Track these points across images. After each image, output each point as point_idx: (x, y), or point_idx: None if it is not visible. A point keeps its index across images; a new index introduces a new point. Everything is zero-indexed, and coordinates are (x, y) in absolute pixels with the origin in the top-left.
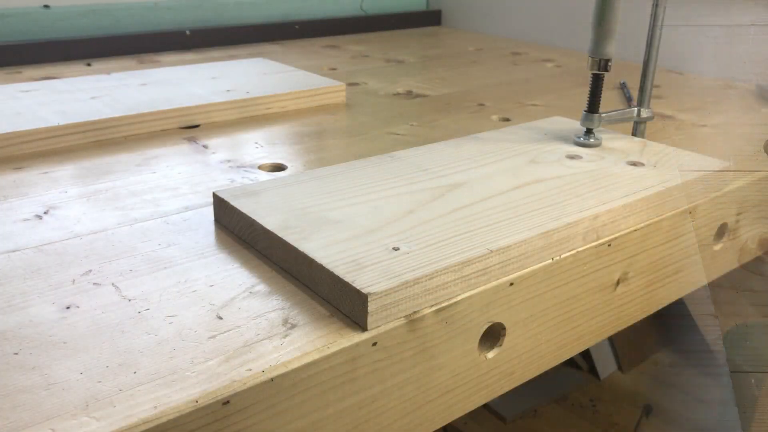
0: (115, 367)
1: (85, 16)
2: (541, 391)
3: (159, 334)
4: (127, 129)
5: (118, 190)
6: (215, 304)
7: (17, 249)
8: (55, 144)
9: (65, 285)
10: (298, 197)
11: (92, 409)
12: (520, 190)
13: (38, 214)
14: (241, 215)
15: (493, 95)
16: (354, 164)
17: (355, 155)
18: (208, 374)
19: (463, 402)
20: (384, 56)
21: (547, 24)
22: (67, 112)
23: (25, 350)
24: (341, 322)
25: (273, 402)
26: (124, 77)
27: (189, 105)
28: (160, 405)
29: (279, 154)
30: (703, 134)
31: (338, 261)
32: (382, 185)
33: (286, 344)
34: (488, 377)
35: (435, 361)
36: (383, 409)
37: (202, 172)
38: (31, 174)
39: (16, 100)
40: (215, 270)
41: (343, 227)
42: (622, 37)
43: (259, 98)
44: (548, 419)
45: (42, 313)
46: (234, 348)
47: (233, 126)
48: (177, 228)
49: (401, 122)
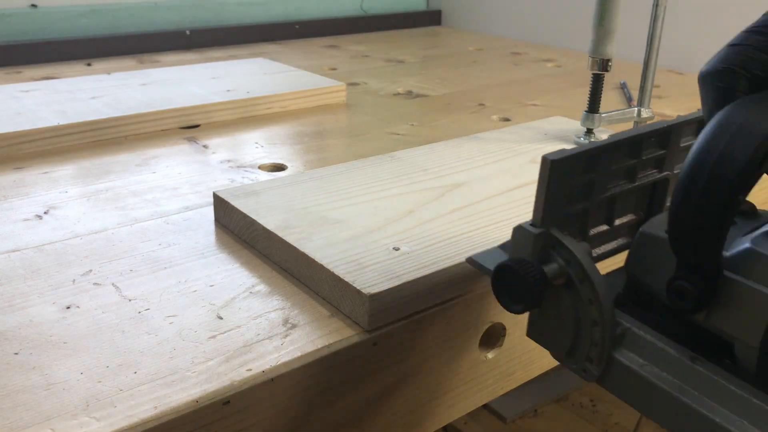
0: (116, 367)
1: (85, 16)
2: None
3: (159, 334)
4: (127, 129)
5: (118, 190)
6: (215, 304)
7: (17, 249)
8: (55, 144)
9: (65, 285)
10: (298, 197)
11: (92, 409)
12: (520, 190)
13: (38, 214)
14: (241, 215)
15: (493, 95)
16: (354, 164)
17: (355, 155)
18: (208, 374)
19: (463, 402)
20: (384, 56)
21: (547, 24)
22: (67, 112)
23: (26, 350)
24: (341, 322)
25: (273, 402)
26: (124, 77)
27: (189, 105)
28: (161, 405)
29: (279, 154)
30: None
31: (339, 261)
32: (382, 185)
33: (287, 344)
34: (488, 377)
35: (435, 361)
36: (383, 409)
37: (202, 172)
38: (31, 174)
39: (16, 100)
40: (215, 270)
41: (344, 227)
42: (622, 37)
43: (259, 98)
44: (548, 419)
45: (42, 313)
46: (234, 348)
47: (233, 126)
48: (177, 228)
49: (401, 122)
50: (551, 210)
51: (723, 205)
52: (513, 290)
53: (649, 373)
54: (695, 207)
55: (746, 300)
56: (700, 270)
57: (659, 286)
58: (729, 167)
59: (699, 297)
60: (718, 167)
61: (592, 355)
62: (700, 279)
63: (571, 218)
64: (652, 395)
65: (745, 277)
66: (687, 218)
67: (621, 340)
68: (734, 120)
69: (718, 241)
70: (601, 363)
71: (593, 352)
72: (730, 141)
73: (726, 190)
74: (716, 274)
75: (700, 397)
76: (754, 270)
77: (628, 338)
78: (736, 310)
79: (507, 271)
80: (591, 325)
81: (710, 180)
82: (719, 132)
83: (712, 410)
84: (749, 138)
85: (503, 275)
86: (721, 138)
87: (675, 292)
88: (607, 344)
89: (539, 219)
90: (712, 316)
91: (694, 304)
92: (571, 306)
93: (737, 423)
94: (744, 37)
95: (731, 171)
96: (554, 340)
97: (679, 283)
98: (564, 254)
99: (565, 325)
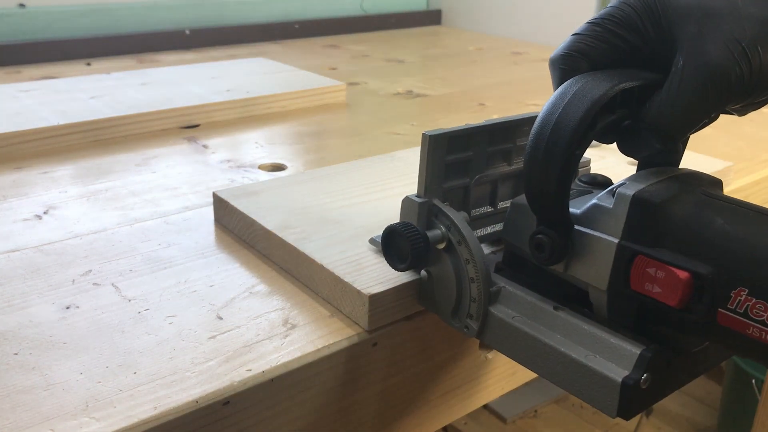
0: (115, 367)
1: (85, 16)
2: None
3: (159, 335)
4: (127, 129)
5: (118, 190)
6: (215, 304)
7: (17, 249)
8: (55, 144)
9: (65, 285)
10: (298, 197)
11: (92, 409)
12: None
13: (38, 214)
14: (241, 215)
15: (494, 95)
16: (354, 164)
17: (355, 155)
18: (208, 375)
19: (463, 402)
20: (384, 56)
21: (547, 24)
22: (67, 111)
23: (25, 350)
24: (341, 323)
25: (273, 403)
26: (124, 77)
27: (189, 105)
28: (160, 405)
29: (279, 154)
30: (703, 134)
31: (338, 261)
32: (382, 185)
33: (287, 344)
34: (488, 377)
35: (435, 361)
36: (383, 409)
37: (202, 172)
38: (31, 174)
39: (16, 100)
40: (215, 270)
41: (344, 227)
42: None
43: (259, 98)
44: (548, 419)
45: (42, 313)
46: (234, 348)
47: (233, 126)
48: (177, 228)
49: (401, 122)
50: (432, 182)
51: (562, 161)
52: (399, 251)
53: (520, 322)
54: (540, 165)
55: (594, 248)
56: (554, 225)
57: (527, 247)
58: (564, 127)
59: (553, 248)
60: (556, 128)
61: (472, 312)
62: (554, 233)
63: (453, 192)
64: (523, 342)
65: (592, 228)
66: (534, 176)
67: (497, 297)
68: (569, 90)
69: (563, 194)
70: (479, 318)
71: (473, 308)
72: (566, 106)
73: (563, 147)
74: (567, 227)
75: (563, 339)
76: (599, 221)
77: (502, 295)
78: (587, 258)
79: (393, 233)
80: (469, 282)
81: (550, 140)
82: (558, 100)
83: (572, 349)
84: (581, 102)
85: (391, 237)
86: (559, 105)
87: (534, 246)
88: (484, 300)
89: (423, 190)
90: (569, 267)
91: (550, 255)
92: (452, 266)
93: (592, 358)
94: (585, 28)
95: (566, 130)
96: (440, 301)
97: (537, 238)
98: (445, 221)
99: (448, 285)
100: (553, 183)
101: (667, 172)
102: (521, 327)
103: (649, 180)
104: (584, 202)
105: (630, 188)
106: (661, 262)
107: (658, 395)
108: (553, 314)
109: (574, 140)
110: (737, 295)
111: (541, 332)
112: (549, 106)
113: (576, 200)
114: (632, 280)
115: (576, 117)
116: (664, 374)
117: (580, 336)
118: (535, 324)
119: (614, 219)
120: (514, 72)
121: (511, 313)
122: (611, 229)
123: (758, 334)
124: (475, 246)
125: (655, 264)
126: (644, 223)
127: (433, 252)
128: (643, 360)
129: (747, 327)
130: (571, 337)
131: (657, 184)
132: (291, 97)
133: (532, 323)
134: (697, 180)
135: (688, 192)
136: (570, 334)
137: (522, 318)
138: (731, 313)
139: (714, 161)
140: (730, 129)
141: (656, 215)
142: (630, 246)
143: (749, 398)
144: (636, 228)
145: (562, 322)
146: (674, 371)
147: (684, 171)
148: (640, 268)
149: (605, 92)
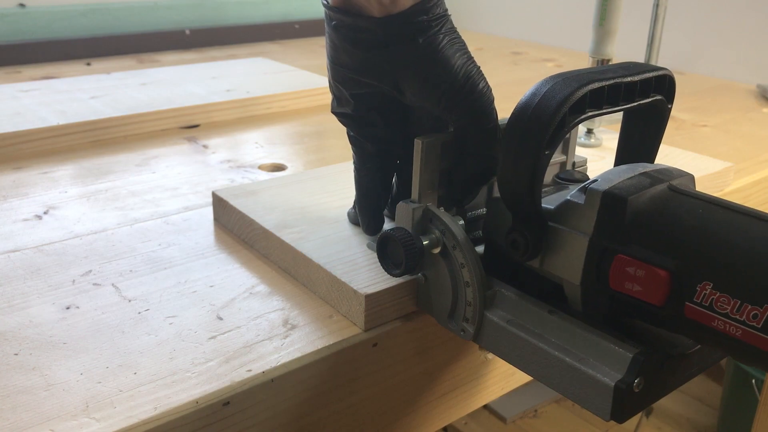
0: (115, 367)
1: (85, 16)
2: (541, 391)
3: (159, 335)
4: (127, 129)
5: (118, 190)
6: (215, 304)
7: (17, 249)
8: (55, 144)
9: (65, 285)
10: (297, 197)
11: (92, 410)
12: None
13: (38, 214)
14: (239, 215)
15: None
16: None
17: None
18: (208, 375)
19: (463, 402)
20: None
21: (547, 24)
22: (67, 112)
23: (25, 351)
24: (341, 323)
25: (273, 403)
26: (124, 77)
27: (189, 105)
28: (161, 406)
29: (279, 154)
30: (703, 134)
31: (335, 261)
32: None
33: (287, 345)
34: (488, 377)
35: (435, 362)
36: (383, 409)
37: (202, 172)
38: (31, 174)
39: (16, 100)
40: (215, 270)
41: (341, 227)
42: (622, 37)
43: (259, 98)
44: (548, 419)
45: (42, 313)
46: (234, 349)
47: (233, 126)
48: (177, 228)
49: None
50: (427, 187)
51: (533, 158)
52: (393, 256)
53: (514, 326)
54: (512, 162)
55: (567, 244)
56: (528, 223)
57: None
58: (536, 126)
59: (527, 245)
60: (528, 127)
61: (468, 315)
62: (528, 230)
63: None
64: (517, 345)
65: (565, 224)
66: (506, 177)
67: (492, 301)
68: (540, 91)
69: (535, 193)
70: (475, 321)
71: (468, 312)
72: (537, 106)
73: (534, 144)
74: (541, 224)
75: (557, 343)
76: (571, 217)
77: (497, 299)
78: (560, 253)
79: (388, 239)
80: (465, 286)
81: (522, 137)
82: (529, 100)
83: (565, 352)
84: (550, 102)
85: (385, 243)
86: (531, 104)
87: (510, 243)
88: (479, 303)
89: (417, 196)
90: (544, 262)
91: (525, 252)
92: (448, 271)
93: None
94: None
95: (537, 129)
96: (437, 305)
97: (511, 236)
98: (439, 226)
99: (444, 289)
100: (525, 184)
101: (639, 168)
102: (516, 331)
103: (621, 176)
104: (559, 198)
105: (601, 185)
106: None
107: (652, 398)
108: (547, 318)
109: (543, 141)
110: (702, 288)
111: (535, 336)
112: (519, 107)
113: (552, 197)
114: (611, 279)
115: (546, 116)
116: (657, 377)
117: (574, 339)
118: (530, 327)
119: (586, 215)
120: (514, 72)
121: (506, 317)
122: (583, 225)
123: (723, 327)
124: (469, 250)
125: (634, 263)
126: (614, 219)
127: (428, 256)
128: (636, 363)
129: (713, 320)
130: (564, 340)
131: (628, 180)
132: (291, 97)
133: (526, 327)
134: (668, 175)
135: (658, 187)
136: (564, 337)
137: (517, 321)
138: (698, 307)
139: (714, 161)
140: (730, 129)
141: (625, 211)
142: (601, 241)
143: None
144: (607, 224)
145: (555, 325)
146: (667, 374)
147: (656, 167)
148: (620, 268)
149: (573, 92)
